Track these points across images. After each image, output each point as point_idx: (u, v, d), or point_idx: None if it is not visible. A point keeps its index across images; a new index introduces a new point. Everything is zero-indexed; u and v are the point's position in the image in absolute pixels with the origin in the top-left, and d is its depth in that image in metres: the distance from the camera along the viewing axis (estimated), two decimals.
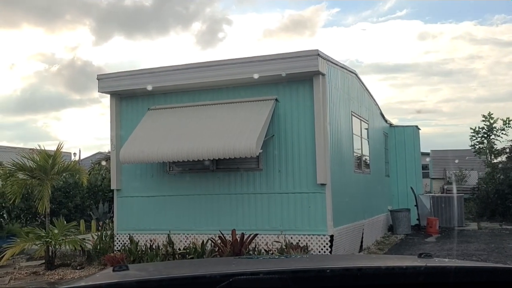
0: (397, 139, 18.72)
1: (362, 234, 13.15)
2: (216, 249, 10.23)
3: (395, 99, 67.17)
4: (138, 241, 11.53)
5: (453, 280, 2.29)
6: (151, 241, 11.38)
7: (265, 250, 10.51)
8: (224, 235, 10.16)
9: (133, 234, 11.69)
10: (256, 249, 10.47)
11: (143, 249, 11.12)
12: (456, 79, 63.07)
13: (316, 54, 10.20)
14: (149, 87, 11.31)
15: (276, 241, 10.52)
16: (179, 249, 11.01)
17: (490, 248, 12.96)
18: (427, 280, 2.27)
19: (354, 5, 78.17)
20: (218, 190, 11.27)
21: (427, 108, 63.99)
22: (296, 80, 10.77)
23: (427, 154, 34.37)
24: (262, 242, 10.71)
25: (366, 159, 14.76)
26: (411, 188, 17.81)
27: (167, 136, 11.03)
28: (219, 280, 2.12)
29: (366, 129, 14.86)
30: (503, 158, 30.17)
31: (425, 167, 31.50)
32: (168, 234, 11.30)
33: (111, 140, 11.98)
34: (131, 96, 12.05)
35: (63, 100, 70.00)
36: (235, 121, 10.76)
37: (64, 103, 69.70)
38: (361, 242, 12.98)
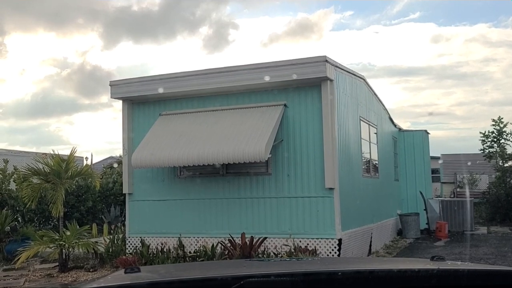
0: (406, 143, 18.79)
1: (371, 238, 13.25)
2: (226, 252, 10.40)
3: (408, 103, 66.97)
4: (150, 244, 11.74)
5: (466, 283, 2.26)
6: (162, 244, 11.58)
7: (274, 253, 10.66)
8: (234, 239, 10.33)
9: (144, 237, 11.90)
10: (265, 252, 10.62)
11: (154, 252, 11.32)
12: (470, 82, 62.73)
13: (324, 60, 10.36)
14: (160, 92, 11.53)
15: (285, 245, 10.66)
16: (190, 252, 11.20)
17: (500, 252, 12.99)
18: (439, 283, 2.25)
19: (367, 8, 78.19)
20: (228, 194, 11.45)
21: (440, 111, 63.75)
22: (305, 86, 10.93)
23: (437, 158, 34.31)
24: (271, 246, 10.86)
25: (375, 163, 14.87)
26: (420, 192, 17.86)
27: (178, 141, 11.23)
28: (230, 282, 2.12)
29: (375, 133, 14.97)
30: None
31: (435, 171, 31.47)
32: (179, 238, 11.50)
33: (123, 144, 12.22)
34: (142, 102, 12.29)
35: (74, 104, 70.73)
36: (244, 126, 10.94)
37: (75, 107, 70.41)
38: (370, 246, 13.09)
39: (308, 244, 10.66)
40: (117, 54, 71.89)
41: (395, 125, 18.36)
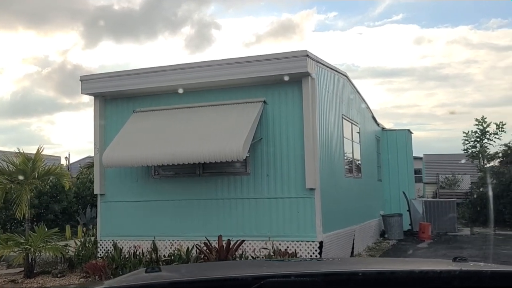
0: (390, 143, 18.47)
1: (353, 240, 12.84)
2: (202, 256, 9.90)
3: (391, 104, 67.11)
4: (122, 247, 11.17)
5: (489, 285, 2.22)
6: (135, 247, 11.03)
7: (252, 257, 10.17)
8: (211, 242, 9.84)
9: (117, 240, 11.33)
10: (243, 256, 10.13)
11: (127, 256, 10.76)
12: (452, 84, 63.10)
13: (305, 55, 9.91)
14: (134, 88, 11.00)
15: (264, 248, 10.19)
16: (164, 256, 10.67)
17: (484, 254, 12.69)
18: (462, 284, 2.21)
19: (351, 9, 78.20)
20: (204, 195, 10.93)
21: (423, 112, 63.99)
22: (285, 82, 10.46)
23: (420, 159, 34.21)
24: (250, 249, 10.38)
25: (357, 163, 14.49)
26: (403, 192, 17.55)
27: (152, 139, 10.70)
28: (250, 282, 2.11)
29: (357, 132, 14.59)
30: (495, 162, 30.03)
31: (418, 171, 31.33)
32: (153, 241, 10.95)
33: (94, 143, 11.64)
34: (115, 98, 11.71)
35: (54, 103, 69.50)
36: (222, 123, 10.45)
37: (56, 107, 69.20)
38: (352, 248, 12.68)
39: (288, 247, 10.20)
40: (99, 53, 70.87)
41: (378, 124, 18.02)
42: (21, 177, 10.40)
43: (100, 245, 11.57)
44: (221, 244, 9.80)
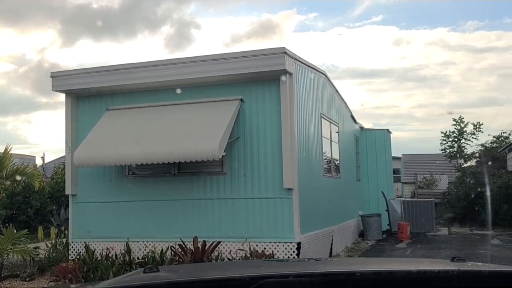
0: (368, 142, 18.40)
1: (332, 240, 12.69)
2: (177, 258, 9.62)
3: (370, 104, 67.38)
4: (95, 249, 10.82)
5: (487, 284, 2.23)
6: (108, 249, 10.69)
7: (228, 258, 9.93)
8: (186, 243, 9.57)
9: (89, 242, 10.97)
10: (219, 258, 9.88)
11: (99, 259, 10.42)
12: (429, 85, 63.61)
13: (282, 52, 9.71)
14: (107, 85, 10.66)
15: (241, 249, 9.96)
16: (138, 258, 10.36)
17: (462, 254, 12.64)
18: (460, 284, 2.22)
19: (331, 10, 78.24)
20: (180, 195, 10.65)
21: (401, 113, 64.46)
22: (263, 80, 10.25)
23: (398, 159, 34.34)
24: (226, 250, 10.14)
25: (336, 162, 14.35)
26: (382, 192, 17.48)
27: (125, 138, 10.39)
28: (249, 282, 2.12)
29: (336, 132, 14.45)
30: (473, 162, 30.30)
31: (396, 171, 31.42)
32: (127, 242, 10.63)
33: (66, 142, 11.25)
34: (88, 96, 11.35)
35: (31, 102, 68.17)
36: (197, 122, 10.19)
37: (33, 106, 67.84)
38: (331, 249, 12.53)
39: (265, 248, 9.99)
40: (77, 51, 69.75)
41: (357, 124, 17.92)
42: None
43: (72, 247, 11.20)
44: (196, 246, 9.53)
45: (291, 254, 9.92)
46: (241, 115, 10.34)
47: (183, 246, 9.47)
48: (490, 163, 25.52)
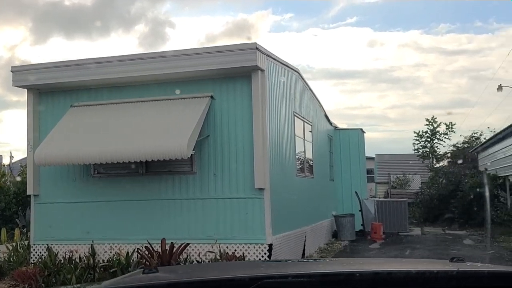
0: (342, 142, 18.25)
1: (305, 241, 12.45)
2: (143, 261, 9.24)
3: (345, 105, 67.80)
4: (58, 252, 10.34)
5: (486, 285, 2.25)
6: (71, 252, 10.22)
7: (197, 261, 9.59)
8: (154, 245, 9.19)
9: (52, 244, 10.49)
10: (188, 260, 9.53)
11: (62, 262, 9.95)
12: (402, 86, 64.35)
13: (254, 48, 9.41)
14: (72, 81, 10.21)
15: (210, 251, 9.62)
16: (103, 261, 9.92)
17: (435, 254, 12.56)
18: (459, 285, 2.23)
19: (306, 10, 78.46)
20: (147, 195, 10.26)
21: (375, 113, 64.96)
22: (234, 76, 9.94)
23: (372, 159, 34.45)
24: (195, 253, 9.80)
25: (309, 162, 14.13)
26: (356, 192, 17.34)
27: (90, 136, 9.96)
28: (248, 283, 2.13)
29: (310, 131, 14.23)
30: (445, 162, 30.58)
31: (370, 171, 31.49)
32: (91, 245, 10.17)
33: (27, 140, 10.73)
34: (51, 91, 10.85)
35: (1, 101, 66.45)
36: (166, 119, 9.83)
37: (4, 104, 66.15)
38: (304, 250, 12.29)
39: (235, 250, 9.68)
40: (49, 49, 68.28)
41: (330, 123, 17.75)
42: None
43: (34, 250, 10.71)
44: (164, 248, 9.17)
45: (262, 256, 9.64)
46: (211, 112, 10.01)
47: (150, 248, 9.10)
48: (462, 163, 25.74)
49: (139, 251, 9.32)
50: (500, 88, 31.43)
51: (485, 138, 26.53)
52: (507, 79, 59.95)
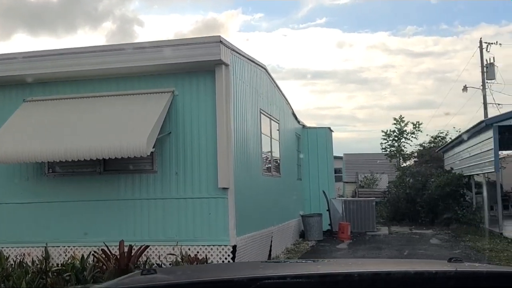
0: (310, 141, 18.03)
1: (271, 242, 12.13)
2: (100, 264, 8.74)
3: (314, 105, 68.12)
4: (9, 255, 9.72)
5: (484, 285, 2.27)
6: (23, 255, 9.64)
7: (157, 264, 9.14)
8: (112, 248, 8.70)
9: (2, 247, 9.86)
10: (148, 263, 9.07)
11: (13, 266, 9.35)
12: (371, 87, 65.06)
13: (218, 41, 9.02)
14: (24, 74, 9.62)
15: (171, 254, 9.19)
16: (57, 265, 9.36)
17: (402, 254, 12.42)
18: (457, 285, 2.26)
19: (276, 11, 78.47)
20: (105, 195, 9.76)
21: (344, 114, 65.40)
22: (197, 71, 9.54)
23: (340, 158, 34.47)
24: (156, 255, 9.35)
25: (276, 161, 13.82)
26: (323, 191, 17.13)
27: (44, 132, 9.40)
28: (246, 284, 2.17)
29: (277, 129, 13.93)
30: (411, 162, 30.81)
31: (338, 170, 31.48)
32: (45, 247, 9.59)
33: None
34: (2, 85, 10.23)
35: None
36: (125, 115, 9.36)
37: None
38: (270, 251, 11.97)
39: (198, 252, 9.27)
40: (12, 46, 66.36)
41: (298, 122, 17.50)
42: None
43: None
44: (122, 250, 8.70)
45: (225, 258, 9.27)
46: (173, 108, 9.58)
47: (107, 251, 8.61)
48: (428, 162, 25.91)
49: (94, 254, 8.82)
50: (465, 88, 31.91)
51: (450, 138, 26.80)
52: (471, 81, 61.13)
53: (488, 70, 30.30)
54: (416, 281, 2.26)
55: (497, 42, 30.64)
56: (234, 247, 9.32)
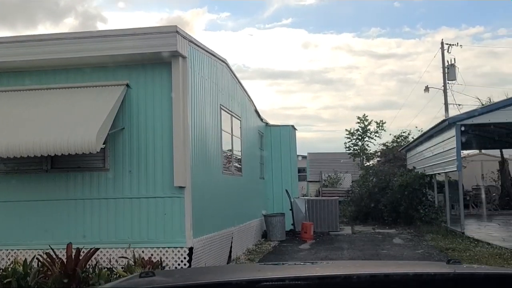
0: (273, 139, 17.66)
1: (231, 243, 11.68)
2: (44, 269, 8.10)
3: (279, 105, 68.06)
4: None
5: (483, 287, 2.28)
6: None
7: (107, 268, 8.55)
8: (60, 251, 8.07)
9: None
10: (97, 267, 8.47)
11: None
12: (335, 88, 65.50)
13: (174, 31, 8.51)
14: None
15: (123, 257, 8.63)
16: None
17: (365, 255, 12.17)
18: (456, 287, 2.28)
19: (242, 10, 78.06)
20: (52, 195, 9.11)
21: (309, 114, 65.58)
22: (152, 63, 9.01)
23: (304, 157, 34.31)
24: (106, 258, 8.77)
25: (238, 159, 13.38)
26: (286, 191, 16.78)
27: None
28: (245, 286, 2.21)
29: (239, 127, 13.48)
30: (375, 161, 30.90)
31: (302, 170, 31.28)
32: None
33: None
34: None
35: None
36: (74, 109, 8.74)
37: None
38: (230, 252, 11.52)
39: (152, 254, 8.75)
40: None
41: (261, 119, 17.10)
42: None
43: None
44: (70, 254, 8.08)
45: (182, 261, 8.77)
46: (127, 102, 9.01)
47: (52, 255, 7.98)
48: (391, 161, 25.96)
49: (39, 258, 8.17)
50: (427, 89, 32.23)
51: (413, 137, 26.92)
52: (432, 83, 62.17)
53: (449, 71, 30.66)
54: (414, 283, 2.27)
55: (458, 43, 31.01)
56: (191, 249, 8.84)
